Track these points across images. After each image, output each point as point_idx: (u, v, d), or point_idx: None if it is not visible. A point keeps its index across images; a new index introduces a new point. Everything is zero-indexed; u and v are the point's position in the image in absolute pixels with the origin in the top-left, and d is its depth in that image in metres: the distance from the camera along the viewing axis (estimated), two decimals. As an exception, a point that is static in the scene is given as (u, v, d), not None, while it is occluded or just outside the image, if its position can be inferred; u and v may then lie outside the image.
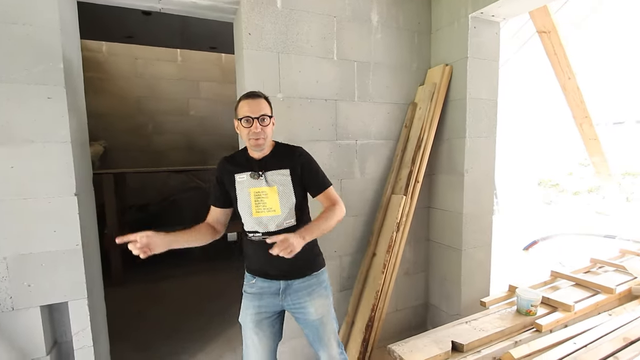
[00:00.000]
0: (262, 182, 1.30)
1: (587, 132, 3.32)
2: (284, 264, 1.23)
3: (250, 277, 1.40)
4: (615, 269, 2.41)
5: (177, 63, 4.57)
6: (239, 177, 1.32)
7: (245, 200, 1.30)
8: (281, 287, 1.34)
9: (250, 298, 1.37)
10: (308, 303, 1.35)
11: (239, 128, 1.30)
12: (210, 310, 2.86)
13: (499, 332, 1.67)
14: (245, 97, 1.30)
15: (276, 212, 1.29)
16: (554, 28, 2.62)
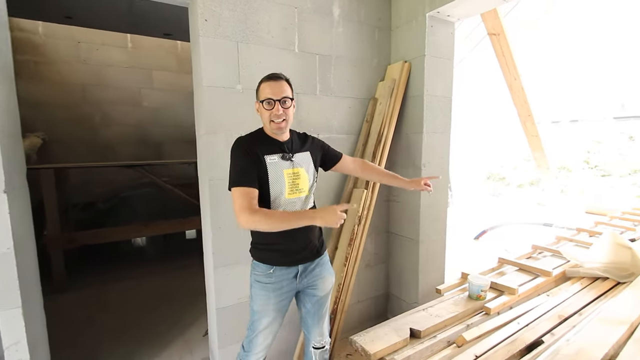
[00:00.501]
0: (291, 164, 1.34)
1: (530, 130, 3.62)
2: (312, 243, 1.40)
3: (266, 268, 1.37)
4: (552, 254, 2.65)
5: (127, 49, 4.25)
6: (269, 158, 1.30)
7: (279, 181, 1.30)
8: (299, 271, 1.40)
9: (269, 288, 1.36)
10: (319, 281, 1.45)
11: (260, 110, 1.31)
12: (168, 312, 2.73)
13: (453, 317, 1.76)
14: (266, 79, 1.31)
15: (305, 192, 1.36)
16: (502, 31, 2.80)
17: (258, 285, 1.38)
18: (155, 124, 4.48)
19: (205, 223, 1.85)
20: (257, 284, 1.38)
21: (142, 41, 4.29)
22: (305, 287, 1.44)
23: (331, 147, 1.56)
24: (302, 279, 1.41)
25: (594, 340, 1.31)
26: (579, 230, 3.28)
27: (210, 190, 1.74)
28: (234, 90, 1.77)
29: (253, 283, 1.40)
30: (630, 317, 1.47)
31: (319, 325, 1.53)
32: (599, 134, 10.08)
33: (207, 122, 1.71)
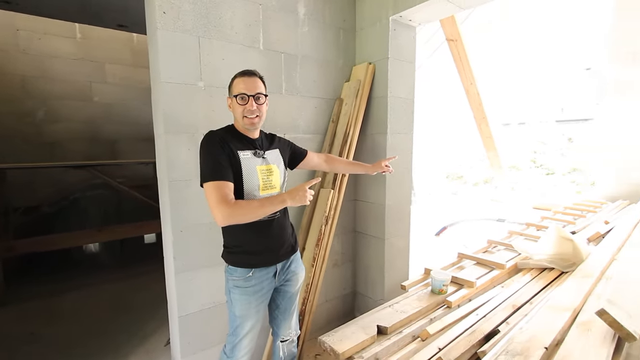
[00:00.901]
0: (264, 161, 1.35)
1: (484, 131, 3.86)
2: (288, 241, 1.43)
3: (244, 271, 1.33)
4: (505, 247, 2.84)
5: (75, 40, 3.92)
6: (242, 154, 1.29)
7: (253, 178, 1.29)
8: (277, 269, 1.41)
9: (249, 292, 1.35)
10: (294, 276, 1.48)
11: (233, 105, 1.31)
12: (127, 322, 2.56)
13: (417, 312, 1.82)
14: (240, 75, 1.31)
15: (277, 188, 1.37)
16: (459, 37, 2.96)
17: (238, 291, 1.34)
18: (109, 120, 4.17)
19: (165, 226, 1.75)
20: (236, 289, 1.34)
21: (92, 32, 3.98)
22: (280, 284, 1.46)
23: (296, 145, 1.60)
24: (280, 277, 1.43)
25: (543, 327, 1.42)
26: (528, 225, 3.53)
27: (171, 192, 1.65)
28: (195, 87, 1.69)
29: (231, 289, 1.35)
30: (573, 303, 1.61)
31: (290, 320, 1.56)
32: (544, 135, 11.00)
33: (166, 120, 1.62)
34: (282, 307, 1.51)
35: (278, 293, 1.48)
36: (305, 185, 1.23)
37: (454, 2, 1.90)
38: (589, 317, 1.44)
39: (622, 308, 1.32)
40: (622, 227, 2.98)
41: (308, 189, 1.23)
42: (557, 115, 11.46)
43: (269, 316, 1.57)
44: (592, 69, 11.37)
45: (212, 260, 1.81)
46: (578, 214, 3.85)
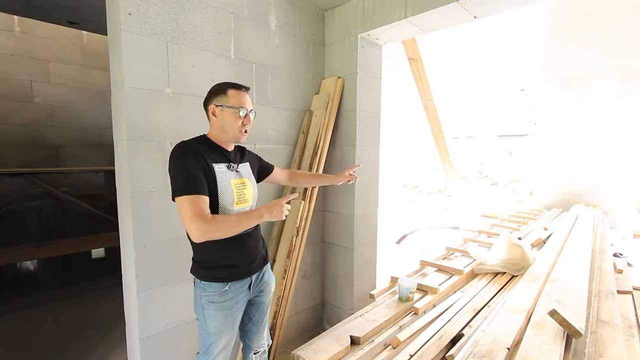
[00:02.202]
0: (238, 175, 1.33)
1: (441, 144, 4.12)
2: (260, 252, 1.42)
3: (220, 286, 1.29)
4: (462, 254, 3.03)
5: (13, 34, 3.54)
6: (217, 167, 1.26)
7: (227, 191, 1.26)
8: (252, 280, 1.39)
9: (226, 307, 1.31)
10: (267, 287, 1.48)
11: (224, 116, 1.27)
12: (73, 347, 2.30)
13: (387, 320, 1.87)
14: (237, 88, 1.30)
15: (249, 202, 1.36)
16: (419, 56, 3.16)
17: (213, 307, 1.28)
18: (52, 124, 3.80)
19: (125, 241, 1.62)
20: (211, 305, 1.28)
21: (35, 26, 3.62)
22: (255, 295, 1.45)
23: (263, 159, 1.62)
24: (254, 289, 1.41)
25: (503, 329, 1.53)
26: (480, 232, 3.80)
27: (134, 204, 1.54)
28: (162, 93, 1.62)
29: (205, 305, 1.29)
30: (526, 305, 1.76)
31: (263, 331, 1.55)
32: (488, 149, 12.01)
33: (130, 128, 1.52)
34: (255, 319, 1.49)
35: (252, 305, 1.46)
36: (282, 200, 1.23)
37: (418, 25, 2.03)
38: (541, 317, 1.58)
39: (568, 307, 1.47)
40: (559, 233, 3.33)
41: (285, 203, 1.24)
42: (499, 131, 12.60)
43: (240, 331, 1.51)
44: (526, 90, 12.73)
45: (177, 277, 1.71)
46: (521, 221, 4.23)
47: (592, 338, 1.50)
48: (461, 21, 1.94)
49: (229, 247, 1.28)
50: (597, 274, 2.35)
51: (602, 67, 4.36)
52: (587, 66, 4.45)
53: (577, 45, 4.45)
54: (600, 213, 4.38)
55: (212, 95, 1.31)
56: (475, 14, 1.85)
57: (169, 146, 1.64)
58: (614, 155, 4.51)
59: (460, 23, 1.98)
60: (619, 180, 4.50)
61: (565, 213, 4.59)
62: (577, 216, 3.98)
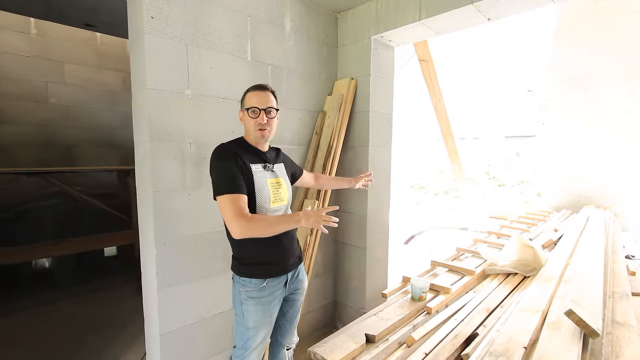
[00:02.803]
0: (273, 174, 1.38)
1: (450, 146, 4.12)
2: (296, 251, 1.47)
3: (258, 282, 1.35)
4: (472, 254, 3.03)
5: (29, 36, 3.61)
6: (254, 167, 1.33)
7: (265, 190, 1.32)
8: (288, 278, 1.43)
9: (264, 302, 1.36)
10: (301, 285, 1.53)
11: (245, 118, 1.35)
12: (90, 344, 2.35)
13: (401, 319, 1.89)
14: (253, 89, 1.35)
15: (285, 201, 1.41)
16: (430, 58, 3.17)
17: (252, 302, 1.34)
18: (66, 124, 3.87)
19: (146, 240, 1.66)
20: (250, 300, 1.34)
21: (50, 28, 3.69)
22: (290, 293, 1.48)
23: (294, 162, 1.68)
24: (289, 286, 1.45)
25: (519, 328, 1.54)
26: (489, 233, 3.80)
27: (156, 203, 1.58)
28: (182, 95, 1.65)
29: (244, 300, 1.35)
30: (541, 305, 1.76)
31: (294, 329, 1.60)
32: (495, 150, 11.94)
33: (152, 128, 1.56)
34: (289, 315, 1.54)
35: (286, 302, 1.51)
36: (322, 210, 1.25)
37: (432, 27, 2.05)
38: (556, 317, 1.59)
39: (584, 308, 1.47)
40: (571, 235, 3.31)
41: (325, 214, 1.24)
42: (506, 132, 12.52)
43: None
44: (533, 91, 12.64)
45: (195, 274, 1.74)
46: (531, 223, 4.22)
47: (608, 339, 1.51)
48: (475, 23, 1.96)
49: (266, 245, 1.33)
50: (610, 275, 2.34)
51: (609, 68, 4.34)
52: (594, 67, 4.43)
53: (585, 47, 4.43)
54: (611, 215, 4.35)
55: (240, 102, 1.40)
56: (489, 16, 1.86)
57: (188, 146, 1.68)
58: (623, 156, 4.48)
59: (474, 25, 2.00)
60: (629, 182, 4.46)
61: (575, 215, 4.56)
62: (588, 218, 3.96)
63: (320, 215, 1.23)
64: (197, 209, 1.72)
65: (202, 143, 1.73)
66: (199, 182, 1.72)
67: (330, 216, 1.24)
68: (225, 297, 1.87)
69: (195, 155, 1.70)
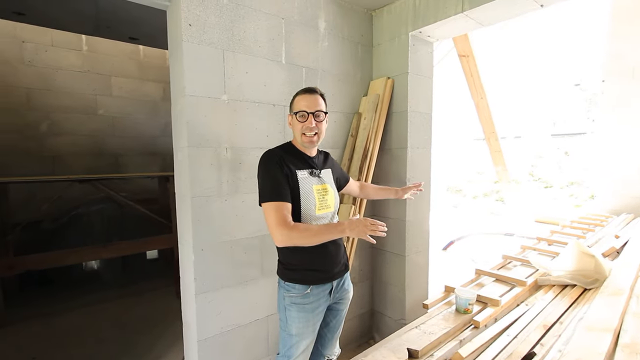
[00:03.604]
0: (320, 180, 1.35)
1: (493, 145, 3.87)
2: (342, 259, 1.41)
3: (303, 288, 1.32)
4: (522, 263, 2.79)
5: (81, 52, 3.89)
6: (300, 173, 1.30)
7: (310, 197, 1.29)
8: (333, 286, 1.38)
9: (307, 309, 1.33)
10: (346, 295, 1.47)
11: (293, 123, 1.32)
12: (132, 345, 2.43)
13: (445, 333, 1.75)
14: (302, 92, 1.32)
15: (332, 208, 1.37)
16: (471, 53, 2.99)
17: (296, 308, 1.32)
18: (113, 134, 4.11)
19: (184, 245, 1.67)
20: (294, 306, 1.32)
21: (99, 44, 3.95)
22: (334, 302, 1.43)
23: (342, 169, 1.65)
24: (334, 295, 1.40)
25: (586, 350, 1.36)
26: (539, 239, 3.50)
27: (194, 209, 1.59)
28: (219, 100, 1.66)
29: (288, 306, 1.33)
30: (610, 324, 1.56)
31: (336, 339, 1.54)
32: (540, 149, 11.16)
33: (190, 134, 1.57)
34: (331, 325, 1.49)
35: (330, 311, 1.45)
36: (368, 220, 1.20)
37: (475, 18, 1.91)
38: (632, 338, 1.39)
39: (669, 329, 1.27)
40: (636, 243, 2.96)
41: (371, 224, 1.19)
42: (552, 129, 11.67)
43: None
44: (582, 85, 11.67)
45: (232, 281, 1.73)
46: (586, 228, 3.83)
47: (699, 366, 1.29)
48: (525, 11, 1.80)
49: (312, 252, 1.29)
50: (692, 290, 2.04)
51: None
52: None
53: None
54: (685, 220, 3.85)
55: (289, 106, 1.38)
56: (542, 2, 1.70)
57: (224, 152, 1.67)
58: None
59: (523, 13, 1.83)
60: None
61: (639, 219, 4.10)
62: (657, 223, 3.53)
63: (366, 224, 1.17)
64: (233, 215, 1.71)
65: (237, 148, 1.72)
66: (235, 188, 1.72)
67: (377, 224, 1.17)
68: (260, 304, 1.85)
69: (231, 160, 1.70)
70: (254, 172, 1.74)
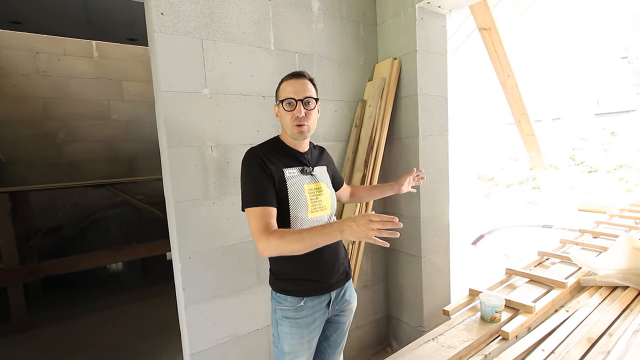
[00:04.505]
0: (312, 179, 1.18)
1: (525, 128, 3.49)
2: (342, 266, 1.24)
3: (295, 300, 1.16)
4: (561, 260, 2.46)
5: (93, 59, 3.93)
6: (289, 171, 1.13)
7: (300, 198, 1.13)
8: (332, 298, 1.22)
9: (301, 324, 1.16)
10: (348, 306, 1.29)
11: (280, 113, 1.15)
12: (152, 350, 2.39)
13: (468, 346, 1.53)
14: (288, 77, 1.15)
15: (327, 210, 1.20)
16: (494, 25, 2.66)
17: (288, 323, 1.16)
18: (127, 138, 4.15)
19: (174, 253, 1.56)
20: (285, 320, 1.16)
21: (109, 50, 3.98)
22: (334, 314, 1.27)
23: (337, 170, 1.43)
24: (333, 307, 1.23)
25: (645, 377, 1.09)
26: (582, 232, 3.10)
27: (178, 214, 1.47)
28: (200, 95, 1.51)
29: (279, 320, 1.18)
30: (675, 340, 1.26)
31: (338, 355, 1.38)
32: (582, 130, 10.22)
33: (168, 134, 1.45)
34: (332, 340, 1.31)
35: (330, 324, 1.29)
36: (372, 215, 0.90)
37: (493, -21, 1.63)
38: None
39: None
40: None
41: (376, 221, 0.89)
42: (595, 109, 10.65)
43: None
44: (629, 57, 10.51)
45: (225, 289, 1.60)
46: (638, 217, 3.37)
47: None
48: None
49: (306, 259, 1.11)
50: None
51: None
52: None
53: None
54: None
55: (275, 95, 1.20)
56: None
57: (209, 151, 1.54)
58: None
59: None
60: None
61: None
62: None
63: (369, 223, 0.88)
64: (223, 219, 1.58)
65: (224, 146, 1.58)
66: (223, 190, 1.58)
67: (385, 219, 0.88)
68: (260, 313, 1.71)
69: (218, 160, 1.56)
70: (244, 172, 1.60)
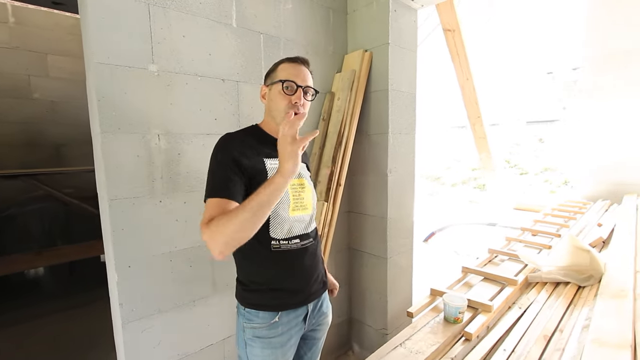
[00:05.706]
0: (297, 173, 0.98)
1: (478, 131, 3.66)
2: (320, 273, 1.11)
3: (269, 316, 0.99)
4: (509, 257, 2.59)
5: (7, 25, 3.29)
6: (270, 162, 0.98)
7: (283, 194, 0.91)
8: (309, 310, 1.08)
9: (275, 344, 1.00)
10: (324, 319, 1.18)
11: (273, 96, 1.00)
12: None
13: (435, 350, 1.49)
14: (289, 60, 1.03)
15: (308, 210, 1.07)
16: (458, 27, 2.71)
17: (259, 343, 0.98)
18: (53, 121, 3.56)
19: (108, 262, 1.30)
20: (257, 341, 0.98)
21: (30, 15, 3.36)
22: (309, 329, 1.12)
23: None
24: (310, 321, 1.10)
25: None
26: (522, 230, 3.33)
27: (112, 215, 1.21)
28: (145, 71, 1.27)
29: (249, 341, 0.99)
30: (623, 336, 1.34)
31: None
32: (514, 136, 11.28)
33: (102, 116, 1.18)
34: (306, 358, 1.18)
35: (304, 341, 1.15)
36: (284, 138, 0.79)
37: (467, -24, 1.60)
38: (656, 358, 1.16)
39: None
40: (623, 231, 2.83)
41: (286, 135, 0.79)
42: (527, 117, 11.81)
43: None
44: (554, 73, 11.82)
45: (174, 301, 1.38)
46: (568, 216, 3.72)
47: None
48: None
49: (278, 264, 0.97)
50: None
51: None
52: (633, 44, 3.84)
53: (622, 21, 3.85)
54: (664, 205, 3.81)
55: (265, 77, 1.07)
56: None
57: (156, 139, 1.30)
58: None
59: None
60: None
61: (616, 205, 4.05)
62: (639, 208, 3.45)
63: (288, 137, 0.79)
64: (172, 220, 1.35)
65: (175, 134, 1.35)
66: (173, 186, 1.35)
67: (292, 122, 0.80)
68: (214, 327, 1.51)
69: (167, 150, 1.33)
70: (199, 165, 1.39)
